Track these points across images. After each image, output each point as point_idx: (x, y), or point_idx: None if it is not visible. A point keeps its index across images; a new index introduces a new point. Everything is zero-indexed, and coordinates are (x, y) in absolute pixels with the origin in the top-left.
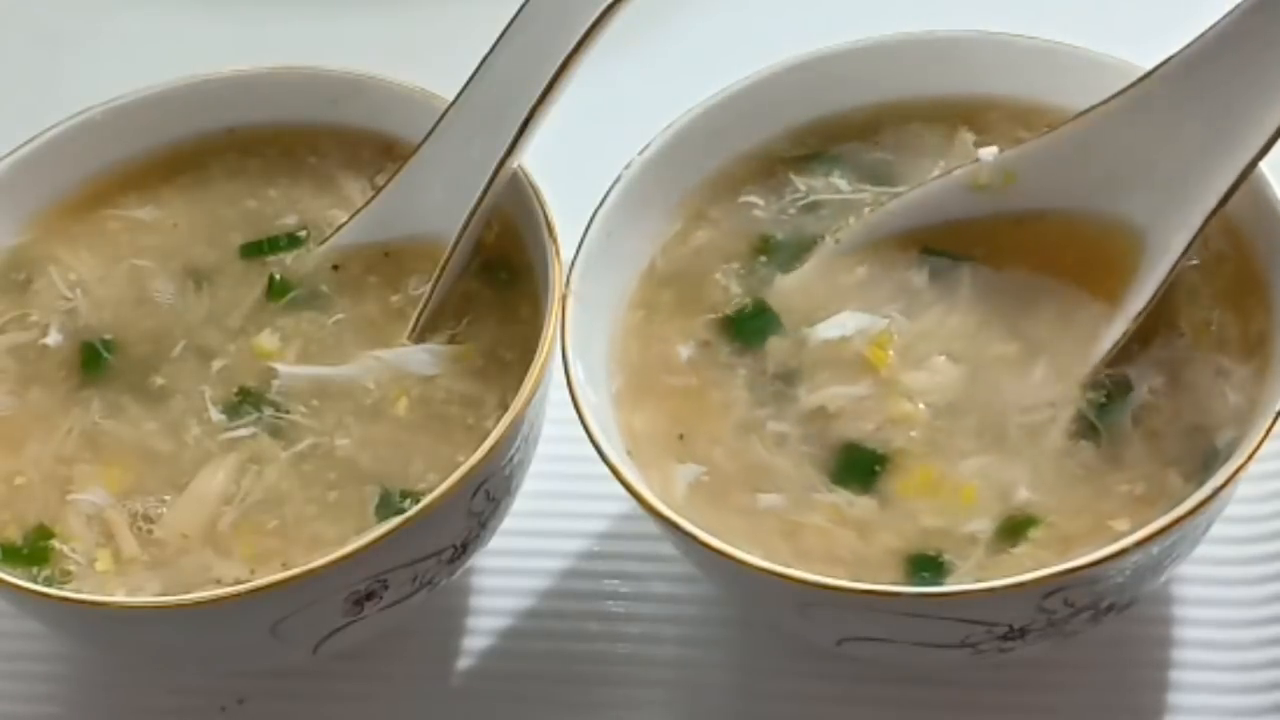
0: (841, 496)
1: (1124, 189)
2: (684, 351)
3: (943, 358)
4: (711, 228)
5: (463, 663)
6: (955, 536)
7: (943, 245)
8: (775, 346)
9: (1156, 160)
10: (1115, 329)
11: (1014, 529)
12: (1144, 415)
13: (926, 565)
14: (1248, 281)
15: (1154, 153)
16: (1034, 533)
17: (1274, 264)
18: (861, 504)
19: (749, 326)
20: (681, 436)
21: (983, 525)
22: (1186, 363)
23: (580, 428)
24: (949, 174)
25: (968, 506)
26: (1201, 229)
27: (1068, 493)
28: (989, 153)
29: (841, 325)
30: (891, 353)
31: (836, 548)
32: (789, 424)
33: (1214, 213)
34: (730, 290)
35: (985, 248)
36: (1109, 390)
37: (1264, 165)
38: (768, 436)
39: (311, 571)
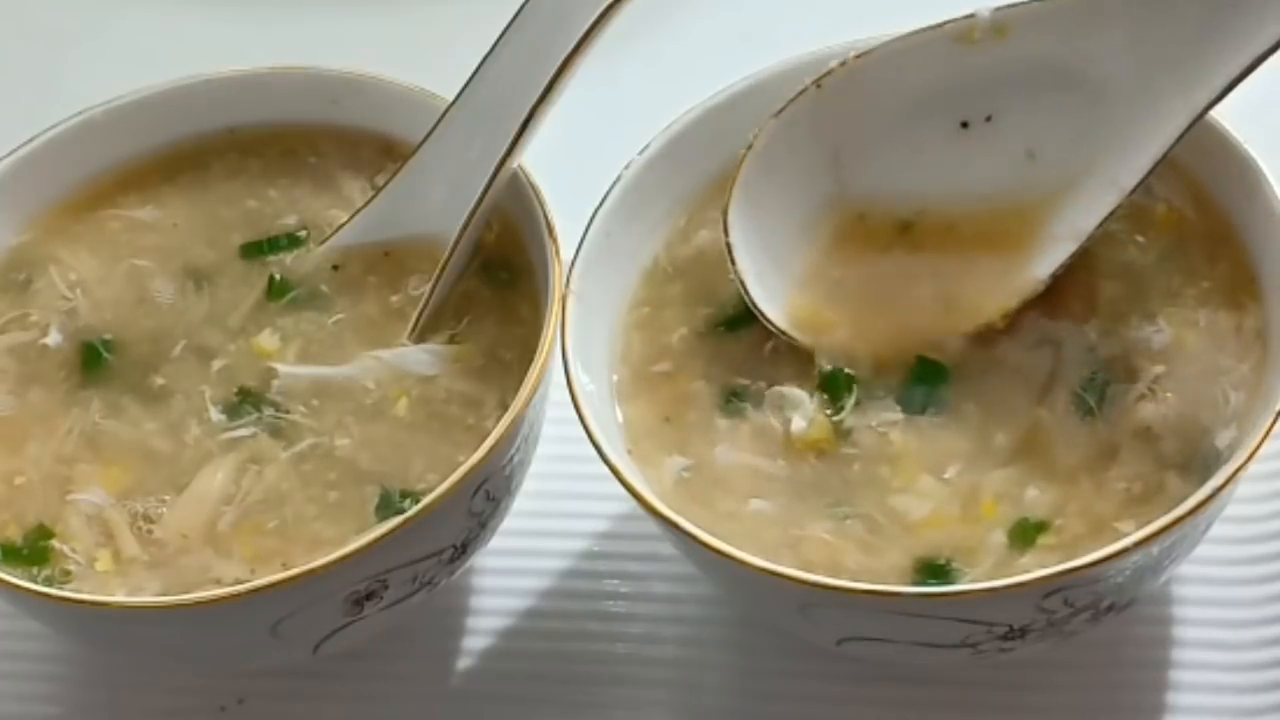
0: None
1: (1116, 61)
2: (680, 345)
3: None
4: (714, 228)
5: (463, 663)
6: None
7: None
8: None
9: (1156, 36)
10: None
11: (1023, 535)
12: (1144, 416)
13: (935, 571)
14: (1242, 278)
15: (1155, 28)
16: (1043, 539)
17: (1267, 259)
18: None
19: (737, 323)
20: (673, 426)
21: (996, 535)
22: (1185, 362)
23: (580, 428)
24: (940, 25)
25: (987, 520)
26: (1195, 122)
27: (1071, 496)
28: (985, 8)
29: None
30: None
31: (838, 554)
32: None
33: (1209, 107)
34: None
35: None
36: (1107, 390)
37: (1261, 164)
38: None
39: (311, 571)
